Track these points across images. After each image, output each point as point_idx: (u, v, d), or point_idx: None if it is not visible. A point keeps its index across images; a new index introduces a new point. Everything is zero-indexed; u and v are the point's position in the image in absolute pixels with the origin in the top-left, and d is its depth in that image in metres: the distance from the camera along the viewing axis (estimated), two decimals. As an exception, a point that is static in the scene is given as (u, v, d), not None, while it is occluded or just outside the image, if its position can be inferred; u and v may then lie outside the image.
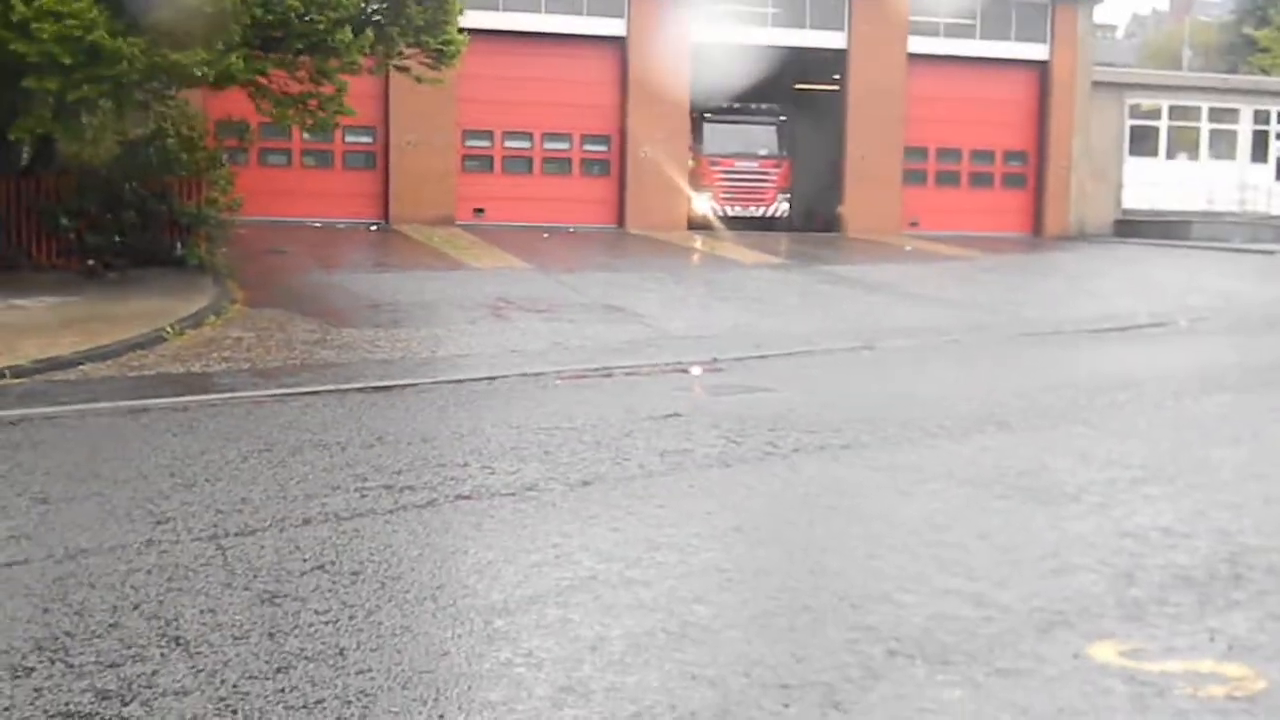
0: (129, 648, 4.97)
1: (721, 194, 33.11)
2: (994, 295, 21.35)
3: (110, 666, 4.79)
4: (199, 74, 15.99)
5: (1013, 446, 9.09)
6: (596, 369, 12.88)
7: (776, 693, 4.62)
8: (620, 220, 31.79)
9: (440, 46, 19.63)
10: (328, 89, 18.68)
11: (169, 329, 13.80)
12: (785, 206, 33.92)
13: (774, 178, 33.69)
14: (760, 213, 33.37)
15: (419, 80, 20.51)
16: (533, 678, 4.72)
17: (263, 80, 18.22)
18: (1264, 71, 51.96)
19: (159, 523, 6.71)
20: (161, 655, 4.90)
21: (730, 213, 32.89)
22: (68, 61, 14.81)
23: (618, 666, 4.83)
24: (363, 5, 18.01)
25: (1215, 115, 38.34)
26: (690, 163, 32.44)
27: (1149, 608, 5.60)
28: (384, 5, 18.79)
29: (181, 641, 5.04)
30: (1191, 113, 38.24)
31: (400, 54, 19.67)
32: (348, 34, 17.37)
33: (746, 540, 6.64)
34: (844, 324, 16.91)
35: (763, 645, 5.08)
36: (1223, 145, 38.45)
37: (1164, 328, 17.73)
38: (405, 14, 18.71)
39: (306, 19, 16.91)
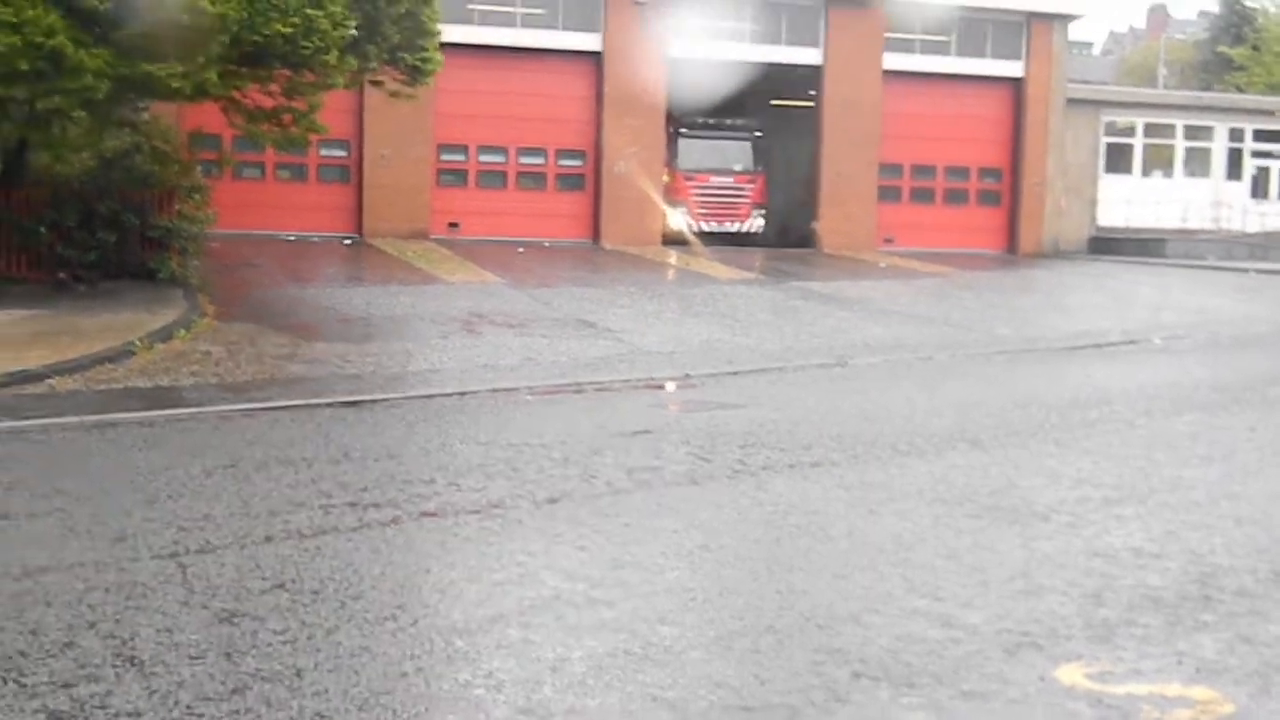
0: (83, 667, 4.89)
1: (696, 209, 33.14)
2: (967, 312, 21.36)
3: (64, 686, 4.71)
4: (175, 85, 15.84)
5: (983, 465, 9.05)
6: (568, 384, 12.83)
7: (738, 715, 4.56)
8: (595, 235, 31.78)
9: (416, 63, 19.55)
10: (300, 104, 18.59)
11: (138, 343, 13.68)
12: (760, 222, 33.97)
13: (749, 193, 33.74)
14: (735, 228, 33.42)
15: (394, 95, 20.46)
16: (491, 700, 4.65)
17: (237, 95, 18.11)
18: (1239, 89, 52.27)
19: (119, 540, 6.62)
20: (116, 675, 4.82)
21: (705, 228, 32.94)
22: (25, 68, 14.59)
23: (578, 688, 4.76)
24: (347, 32, 17.88)
25: (1190, 133, 38.57)
26: (665, 178, 32.45)
27: (1118, 629, 5.56)
28: (360, 21, 18.69)
29: (136, 661, 4.96)
30: (1167, 130, 38.46)
31: (376, 70, 19.58)
32: (334, 57, 17.25)
33: (713, 559, 6.57)
34: (817, 340, 16.89)
35: (726, 667, 5.02)
36: (1197, 163, 38.68)
37: (1137, 345, 17.76)
38: (381, 30, 18.61)
39: (291, 45, 16.74)
